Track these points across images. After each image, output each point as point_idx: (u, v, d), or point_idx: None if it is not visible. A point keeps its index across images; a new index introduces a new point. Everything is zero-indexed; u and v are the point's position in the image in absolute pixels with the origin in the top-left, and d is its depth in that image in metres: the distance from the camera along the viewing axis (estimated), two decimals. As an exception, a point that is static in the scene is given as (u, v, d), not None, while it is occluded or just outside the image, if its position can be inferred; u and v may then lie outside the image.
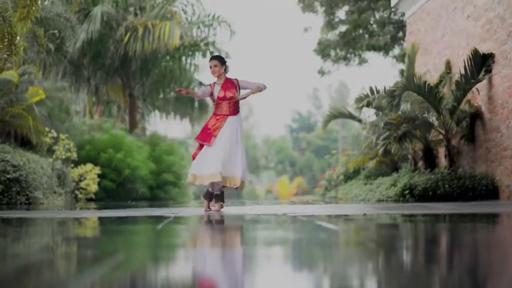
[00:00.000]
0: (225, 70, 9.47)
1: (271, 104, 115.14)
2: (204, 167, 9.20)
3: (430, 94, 14.22)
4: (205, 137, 9.33)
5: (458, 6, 15.97)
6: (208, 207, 9.34)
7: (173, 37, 24.18)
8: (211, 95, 9.45)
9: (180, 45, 26.56)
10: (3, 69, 15.09)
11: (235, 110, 9.41)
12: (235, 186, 9.30)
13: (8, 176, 14.17)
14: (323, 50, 26.85)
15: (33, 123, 15.74)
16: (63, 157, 18.62)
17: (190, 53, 27.82)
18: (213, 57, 9.67)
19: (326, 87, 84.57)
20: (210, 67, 9.44)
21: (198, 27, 27.68)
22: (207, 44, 27.54)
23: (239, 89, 9.44)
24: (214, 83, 9.50)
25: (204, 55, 27.75)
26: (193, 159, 9.48)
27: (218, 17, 27.45)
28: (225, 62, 9.56)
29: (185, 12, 28.08)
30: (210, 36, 27.62)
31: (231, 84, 9.42)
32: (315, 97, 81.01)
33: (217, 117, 9.38)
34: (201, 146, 9.40)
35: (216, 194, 9.39)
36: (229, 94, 9.36)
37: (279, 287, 2.82)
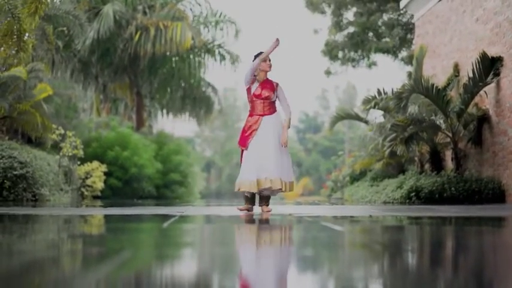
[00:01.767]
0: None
1: (278, 104, 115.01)
2: (244, 174, 8.77)
3: (437, 97, 14.20)
4: (243, 141, 8.92)
5: (467, 9, 15.93)
6: (248, 209, 8.94)
7: (185, 39, 24.23)
8: (249, 89, 9.02)
9: (190, 48, 26.60)
10: (12, 65, 15.12)
11: (270, 109, 8.98)
12: (278, 188, 8.71)
13: (15, 172, 14.21)
14: (330, 51, 26.81)
15: (41, 119, 15.77)
16: (70, 154, 18.65)
17: (199, 53, 27.85)
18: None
19: (334, 88, 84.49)
20: (265, 60, 8.92)
21: (206, 27, 27.70)
22: (219, 46, 27.57)
23: (276, 93, 9.01)
24: (255, 78, 9.03)
25: (213, 56, 27.78)
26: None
27: (225, 16, 27.47)
28: None
29: (192, 12, 28.11)
30: (218, 37, 27.67)
31: (270, 85, 9.00)
32: (322, 98, 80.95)
33: (253, 118, 8.96)
34: (242, 151, 8.99)
35: (261, 196, 8.99)
36: (265, 93, 8.93)
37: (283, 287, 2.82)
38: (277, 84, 9.06)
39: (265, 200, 8.99)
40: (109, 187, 22.40)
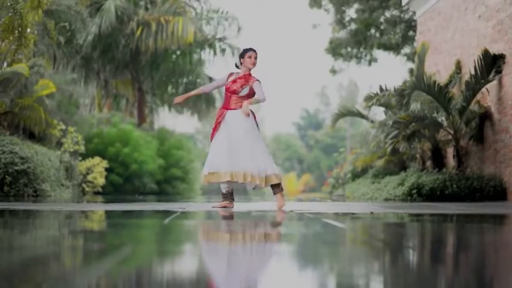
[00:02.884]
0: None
1: (279, 101, 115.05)
2: (212, 165, 8.67)
3: (439, 94, 14.18)
4: (212, 133, 8.93)
5: (469, 6, 15.91)
6: (226, 206, 8.83)
7: (187, 33, 24.19)
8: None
9: (192, 43, 26.58)
10: (14, 61, 15.11)
11: (237, 105, 8.77)
12: (251, 182, 8.59)
13: (16, 168, 14.20)
14: (334, 48, 26.78)
15: (43, 115, 15.76)
16: (71, 150, 18.65)
17: (200, 49, 27.83)
18: (253, 49, 8.95)
19: (335, 85, 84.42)
20: (250, 57, 8.83)
21: (208, 23, 27.68)
22: (220, 40, 27.55)
23: (249, 88, 8.80)
24: (236, 73, 8.96)
25: (214, 52, 27.75)
26: None
27: (227, 12, 27.45)
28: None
29: (194, 8, 28.08)
30: (219, 32, 27.64)
31: (245, 80, 8.84)
32: (323, 95, 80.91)
33: (220, 111, 8.93)
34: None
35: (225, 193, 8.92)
36: (233, 86, 8.80)
37: (284, 286, 2.81)
38: (254, 81, 8.83)
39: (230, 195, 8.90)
40: (110, 183, 22.40)
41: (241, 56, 8.97)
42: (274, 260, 3.56)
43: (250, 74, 8.93)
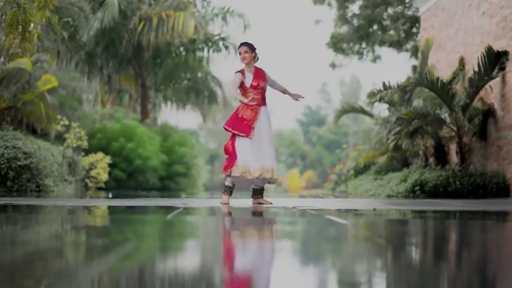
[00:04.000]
0: (254, 58, 8.95)
1: (282, 97, 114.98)
2: (251, 161, 8.66)
3: (442, 90, 14.16)
4: (243, 128, 8.76)
5: (473, 3, 15.88)
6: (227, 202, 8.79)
7: (187, 27, 24.16)
8: (242, 83, 8.89)
9: (195, 39, 26.57)
10: (18, 56, 15.11)
11: (264, 99, 8.96)
12: (274, 178, 8.75)
13: (19, 163, 14.21)
14: (336, 43, 26.75)
15: (45, 110, 15.77)
16: (74, 145, 18.66)
17: (204, 45, 27.81)
18: (242, 44, 9.03)
19: (337, 81, 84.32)
20: (240, 53, 8.93)
21: (211, 19, 27.67)
22: (223, 39, 27.54)
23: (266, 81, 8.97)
24: (244, 70, 8.93)
25: (218, 49, 27.74)
26: (228, 152, 8.82)
27: (233, 10, 27.44)
28: (255, 49, 8.99)
29: (196, 6, 28.07)
30: (224, 29, 27.64)
31: (262, 73, 8.95)
32: (323, 91, 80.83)
33: (252, 108, 8.83)
34: (233, 136, 8.83)
35: (257, 189, 8.96)
36: (262, 83, 8.88)
37: (287, 282, 2.81)
38: (265, 72, 9.04)
39: (260, 192, 8.97)
40: (113, 178, 22.42)
41: (254, 50, 8.99)
42: (277, 256, 3.56)
43: (257, 68, 8.99)
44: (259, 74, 8.94)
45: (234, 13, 27.39)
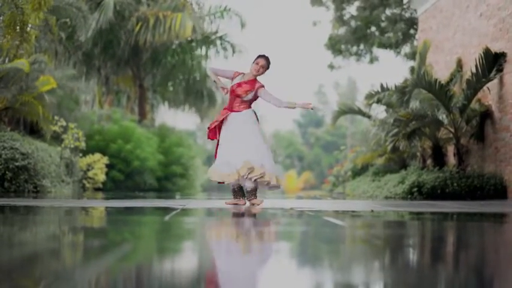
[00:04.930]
0: (263, 73, 8.76)
1: (279, 97, 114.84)
2: (223, 165, 8.54)
3: (440, 92, 14.18)
4: (211, 132, 8.80)
5: (471, 5, 15.90)
6: (237, 203, 8.72)
7: (185, 28, 24.15)
8: (231, 80, 8.79)
9: (192, 39, 26.57)
10: (16, 56, 15.11)
11: (240, 106, 8.69)
12: (272, 183, 8.65)
13: (17, 163, 14.20)
14: (334, 45, 26.77)
15: (43, 111, 15.76)
16: (72, 146, 18.65)
17: (201, 46, 27.80)
18: (263, 57, 8.73)
19: (334, 83, 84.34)
20: (257, 63, 8.65)
21: (208, 16, 27.65)
22: (221, 38, 27.53)
23: (254, 94, 8.67)
24: (241, 73, 8.81)
25: (215, 47, 27.72)
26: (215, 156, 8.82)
27: (229, 9, 27.43)
28: (269, 67, 8.78)
29: (197, 4, 28.06)
30: (221, 29, 27.63)
31: (250, 85, 8.68)
32: (320, 93, 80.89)
33: (222, 112, 8.80)
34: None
35: (248, 190, 8.76)
36: (238, 91, 8.65)
37: (284, 284, 2.81)
38: (259, 87, 8.72)
39: (253, 192, 8.75)
40: (111, 179, 22.41)
41: (255, 60, 8.76)
42: (273, 258, 3.56)
43: (255, 80, 8.76)
44: (248, 84, 8.71)
45: (231, 12, 27.38)
